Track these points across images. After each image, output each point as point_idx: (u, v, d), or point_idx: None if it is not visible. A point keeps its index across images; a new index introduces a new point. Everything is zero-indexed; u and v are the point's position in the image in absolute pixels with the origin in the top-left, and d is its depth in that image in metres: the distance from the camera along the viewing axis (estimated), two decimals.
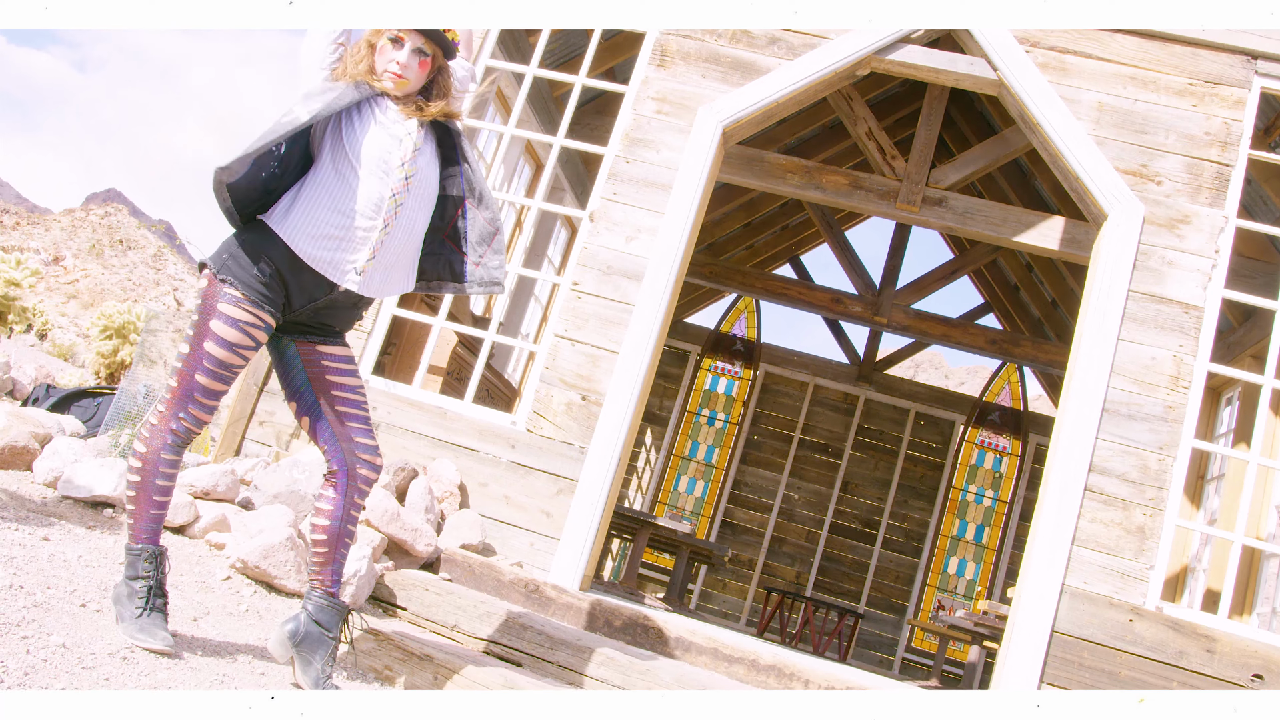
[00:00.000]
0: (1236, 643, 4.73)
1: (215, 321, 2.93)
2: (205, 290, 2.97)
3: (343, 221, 3.01)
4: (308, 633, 3.03)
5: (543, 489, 5.25)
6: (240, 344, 2.96)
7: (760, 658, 4.42)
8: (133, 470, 2.96)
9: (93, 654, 2.72)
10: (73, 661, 2.63)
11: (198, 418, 2.97)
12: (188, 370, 2.94)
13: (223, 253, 2.99)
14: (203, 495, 4.37)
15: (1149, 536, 4.88)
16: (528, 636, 4.07)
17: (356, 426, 3.13)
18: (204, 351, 2.93)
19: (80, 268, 24.28)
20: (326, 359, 3.15)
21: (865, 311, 10.19)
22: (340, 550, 3.10)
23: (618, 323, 5.42)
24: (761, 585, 11.54)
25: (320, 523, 3.08)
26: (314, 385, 3.13)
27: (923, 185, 6.95)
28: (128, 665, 2.75)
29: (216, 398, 2.99)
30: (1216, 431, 7.97)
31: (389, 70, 3.13)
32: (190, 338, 2.95)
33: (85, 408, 6.24)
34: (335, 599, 3.09)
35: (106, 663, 2.71)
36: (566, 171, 8.81)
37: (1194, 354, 5.05)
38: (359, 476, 3.09)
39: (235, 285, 2.93)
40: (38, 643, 2.64)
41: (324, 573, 3.10)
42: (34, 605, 2.87)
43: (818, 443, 12.16)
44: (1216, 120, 5.30)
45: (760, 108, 5.64)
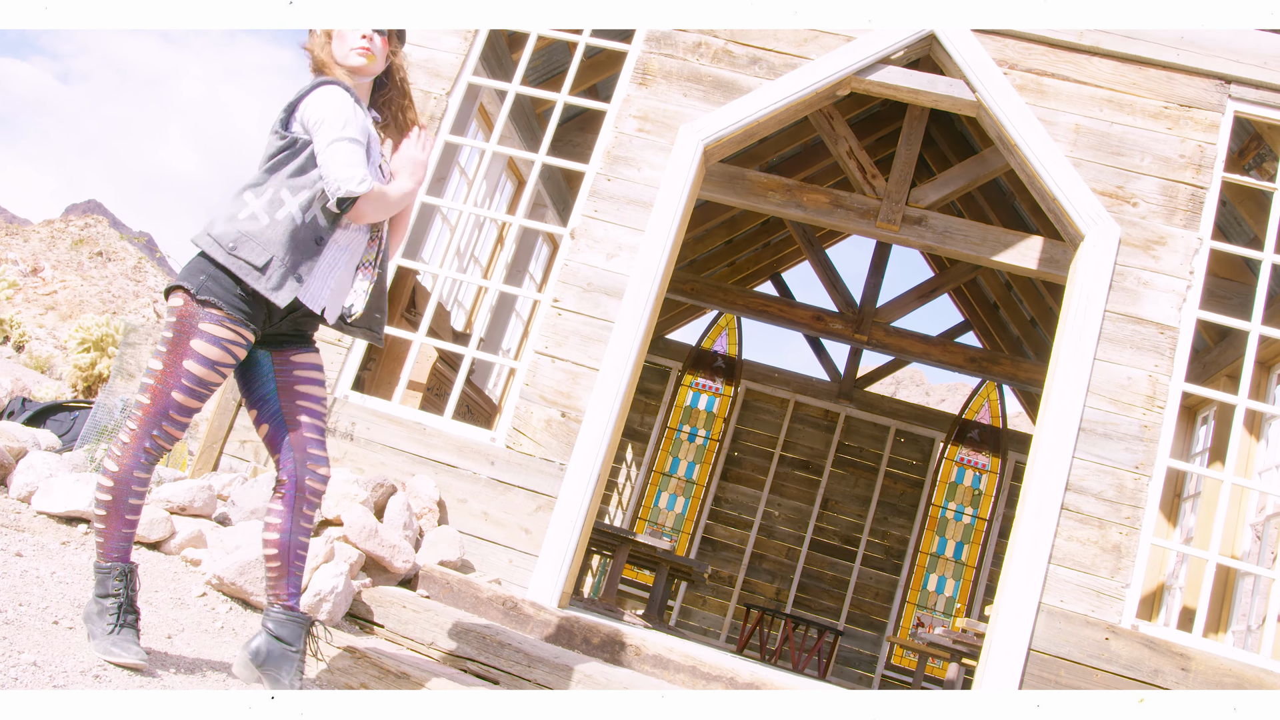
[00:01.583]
0: (1211, 661, 4.76)
1: (197, 341, 2.90)
2: (181, 310, 2.94)
3: None
4: (269, 650, 3.01)
5: (522, 506, 5.24)
6: (221, 362, 2.94)
7: (738, 676, 4.42)
8: (103, 489, 2.94)
9: (64, 672, 2.69)
10: (44, 679, 2.60)
11: (171, 434, 2.95)
12: (162, 388, 2.91)
13: (198, 273, 2.96)
14: (179, 511, 4.34)
15: (1125, 555, 4.91)
16: (505, 654, 4.06)
17: (313, 438, 3.11)
18: (182, 370, 2.90)
19: (59, 279, 24.11)
20: (299, 368, 3.16)
21: (846, 329, 10.23)
22: (294, 563, 3.07)
23: (598, 340, 5.42)
24: (741, 602, 11.53)
25: (270, 537, 3.05)
26: (281, 394, 3.12)
27: (903, 204, 7.00)
28: (100, 683, 2.72)
29: (191, 415, 2.97)
30: (1192, 450, 8.04)
31: None
32: (164, 354, 2.91)
33: (61, 421, 6.19)
34: (294, 611, 3.06)
35: (79, 680, 2.68)
36: (548, 188, 8.83)
37: (1169, 374, 5.10)
38: (307, 489, 3.07)
39: (218, 305, 2.92)
40: (8, 660, 2.62)
41: (279, 586, 3.07)
42: (5, 623, 2.84)
43: (798, 459, 12.18)
44: (1191, 143, 5.37)
45: (741, 126, 5.67)
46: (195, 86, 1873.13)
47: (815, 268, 10.61)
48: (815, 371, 12.61)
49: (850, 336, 10.22)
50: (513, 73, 6.63)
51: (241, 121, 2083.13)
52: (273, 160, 3.05)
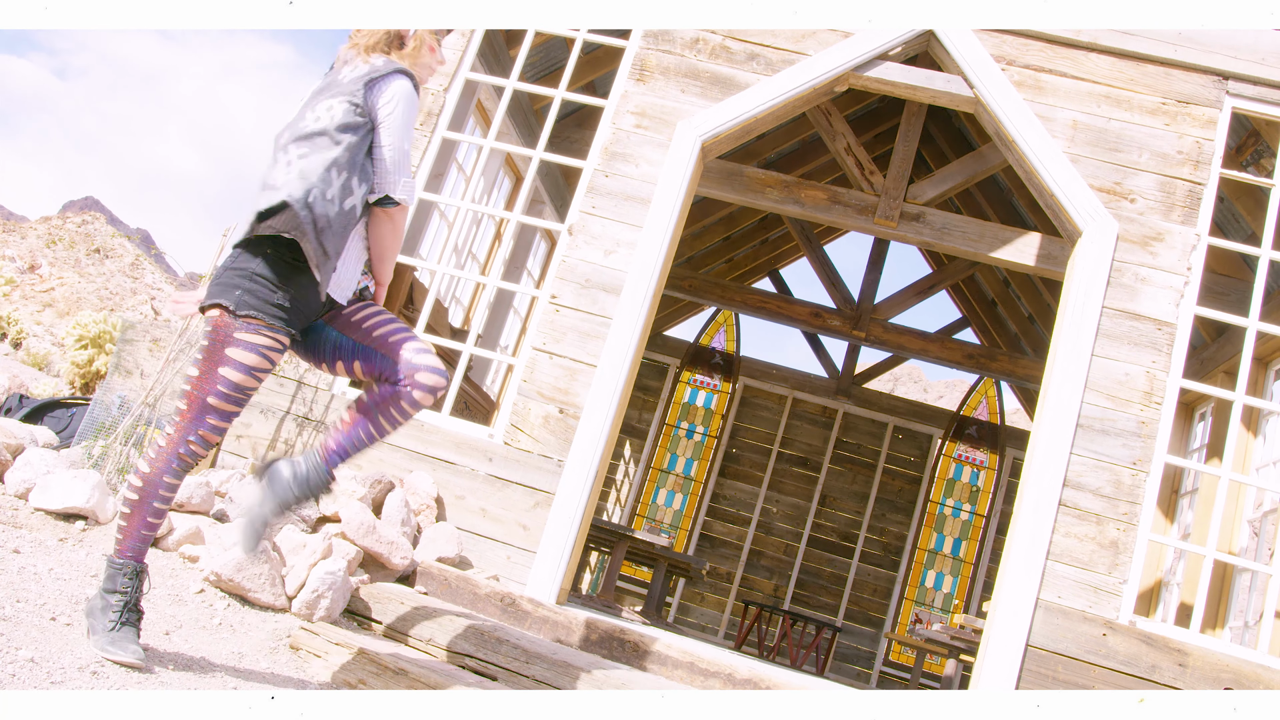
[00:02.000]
0: (1208, 657, 4.77)
1: (233, 349, 2.88)
2: (218, 320, 2.90)
3: None
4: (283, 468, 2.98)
5: (520, 502, 5.24)
6: (258, 368, 2.92)
7: (737, 672, 4.42)
8: (132, 488, 2.92)
9: (61, 668, 2.69)
10: (41, 676, 2.60)
11: (208, 440, 2.94)
12: (199, 394, 2.90)
13: (233, 287, 2.91)
14: (176, 507, 4.34)
15: (1122, 551, 4.91)
16: (503, 650, 4.06)
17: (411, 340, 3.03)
18: (219, 376, 2.88)
19: (56, 276, 24.07)
20: (352, 313, 3.14)
21: (844, 326, 10.23)
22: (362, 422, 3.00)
23: (596, 336, 5.42)
24: (739, 598, 11.54)
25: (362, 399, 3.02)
26: (348, 331, 3.09)
27: (900, 201, 7.00)
28: (97, 679, 2.72)
29: (228, 420, 2.95)
30: (1190, 446, 8.04)
31: None
32: (201, 362, 2.90)
33: (59, 418, 6.19)
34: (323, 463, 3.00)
35: (76, 677, 2.68)
36: (546, 184, 8.82)
37: (1167, 370, 5.10)
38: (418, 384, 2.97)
39: (257, 315, 2.89)
40: (5, 656, 2.61)
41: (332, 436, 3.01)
42: (2, 619, 2.84)
43: (796, 456, 12.19)
44: (1189, 139, 5.37)
45: (739, 123, 5.67)
46: (193, 83, 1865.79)
47: (813, 264, 10.61)
48: (813, 368, 12.63)
49: (848, 333, 10.22)
50: (510, 69, 6.62)
51: (239, 117, 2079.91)
52: (345, 131, 3.01)
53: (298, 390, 5.53)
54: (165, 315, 22.38)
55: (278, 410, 5.50)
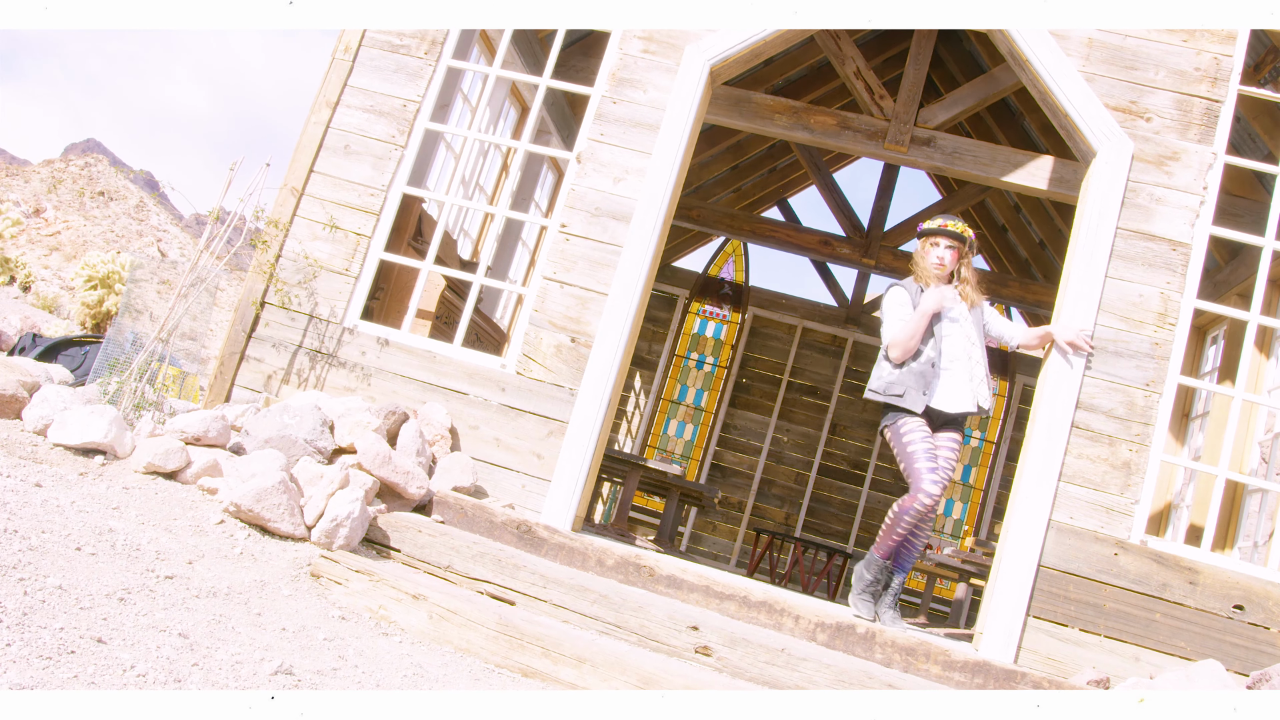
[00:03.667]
0: (1218, 574, 4.81)
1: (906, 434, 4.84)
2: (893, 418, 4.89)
3: None
4: None
5: (533, 431, 5.27)
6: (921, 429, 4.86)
7: (751, 594, 4.48)
8: (891, 516, 4.79)
9: (90, 595, 2.74)
10: (70, 602, 2.64)
11: (938, 481, 4.70)
12: (909, 462, 4.77)
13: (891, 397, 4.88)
14: (194, 441, 4.37)
15: (1135, 472, 4.93)
16: (521, 576, 4.11)
17: None
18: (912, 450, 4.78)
19: (62, 220, 24.02)
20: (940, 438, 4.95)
21: (853, 253, 10.17)
22: None
23: (606, 264, 5.40)
24: (751, 527, 11.65)
25: None
26: None
27: (911, 125, 6.90)
28: (124, 605, 2.77)
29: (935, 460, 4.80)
30: (1202, 370, 8.03)
31: None
32: (901, 453, 4.83)
33: (73, 356, 6.22)
34: None
35: (104, 604, 2.72)
36: (552, 114, 8.72)
37: (1181, 291, 5.07)
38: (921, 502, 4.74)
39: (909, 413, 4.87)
40: (35, 584, 2.66)
41: None
42: (29, 549, 2.88)
43: (806, 385, 12.21)
44: (1207, 55, 5.27)
45: (748, 46, 5.58)
46: None
47: (822, 192, 10.51)
48: (822, 297, 12.57)
49: (858, 261, 10.16)
50: None
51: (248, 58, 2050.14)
52: None
53: (309, 324, 5.53)
54: None
55: (290, 344, 5.51)
